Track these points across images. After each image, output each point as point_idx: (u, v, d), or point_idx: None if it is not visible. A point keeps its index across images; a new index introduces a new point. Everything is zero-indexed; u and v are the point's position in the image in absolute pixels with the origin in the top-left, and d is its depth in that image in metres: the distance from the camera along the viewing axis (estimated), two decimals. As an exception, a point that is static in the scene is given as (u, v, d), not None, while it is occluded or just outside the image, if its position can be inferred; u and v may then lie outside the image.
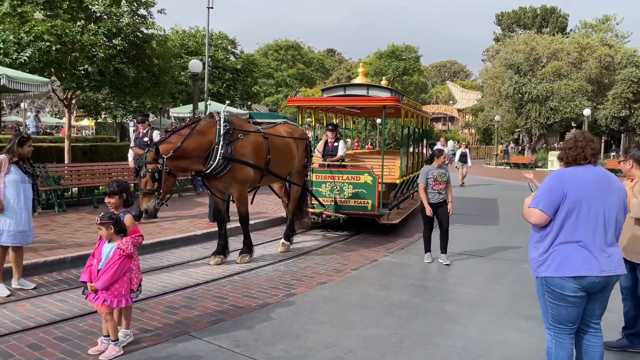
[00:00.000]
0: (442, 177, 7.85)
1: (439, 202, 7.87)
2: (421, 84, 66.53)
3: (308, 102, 11.25)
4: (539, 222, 3.41)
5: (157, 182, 6.45)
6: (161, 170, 6.46)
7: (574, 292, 3.35)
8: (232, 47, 24.00)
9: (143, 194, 6.44)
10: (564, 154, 3.54)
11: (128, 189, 4.73)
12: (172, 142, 6.68)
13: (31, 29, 11.18)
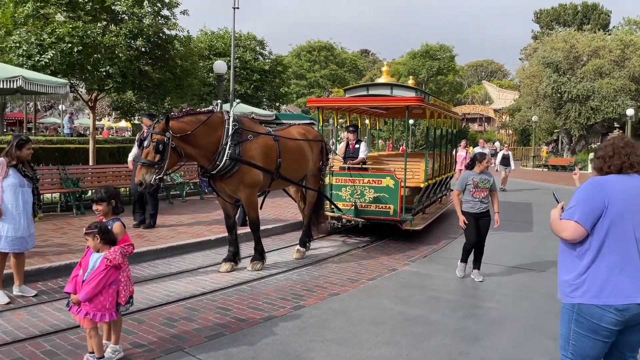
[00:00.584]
0: (484, 183, 7.04)
1: (481, 211, 7.04)
2: (456, 83, 65.17)
3: (328, 103, 10.87)
4: (573, 237, 2.89)
5: (160, 154, 6.14)
6: (167, 143, 6.16)
7: (611, 324, 2.81)
8: (260, 47, 23.82)
9: (142, 164, 6.14)
10: (602, 162, 3.00)
11: (117, 195, 4.44)
12: (186, 124, 6.41)
13: (53, 31, 11.18)
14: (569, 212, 2.92)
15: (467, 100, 69.86)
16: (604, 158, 3.00)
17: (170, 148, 6.24)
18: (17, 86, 8.88)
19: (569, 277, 2.95)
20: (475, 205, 7.03)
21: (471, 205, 7.05)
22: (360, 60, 66.72)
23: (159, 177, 6.29)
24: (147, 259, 7.64)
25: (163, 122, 6.22)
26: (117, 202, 4.40)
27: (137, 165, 7.19)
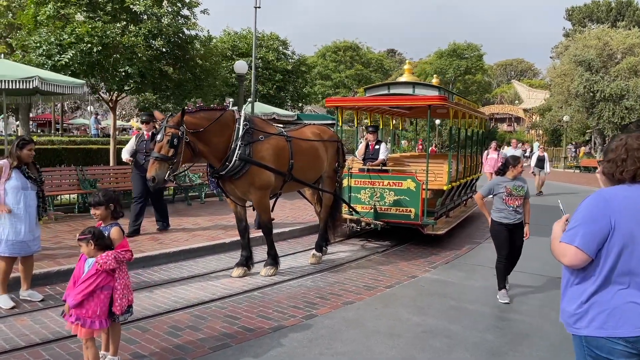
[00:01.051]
0: (519, 191, 6.24)
1: (515, 223, 6.23)
2: (485, 83, 64.01)
3: (348, 102, 10.55)
4: (574, 264, 2.47)
5: (175, 149, 5.92)
6: (181, 137, 5.96)
7: (625, 356, 2.41)
8: (283, 47, 23.63)
9: (155, 158, 5.90)
10: (613, 167, 2.53)
11: (116, 199, 4.22)
12: (200, 119, 6.21)
13: (73, 31, 11.16)
14: (569, 234, 2.48)
15: (495, 100, 68.59)
16: (615, 162, 2.52)
17: (185, 143, 6.03)
18: (33, 86, 8.85)
19: (572, 307, 2.54)
20: (509, 215, 6.22)
21: (504, 215, 6.24)
22: (387, 60, 66.14)
23: (173, 174, 6.10)
24: (160, 262, 7.47)
25: (178, 115, 6.03)
26: (116, 206, 4.18)
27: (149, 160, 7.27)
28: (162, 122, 6.16)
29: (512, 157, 6.44)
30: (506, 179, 6.33)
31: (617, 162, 2.51)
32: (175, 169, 6.10)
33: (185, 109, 6.19)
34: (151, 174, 5.93)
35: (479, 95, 59.87)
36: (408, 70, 10.61)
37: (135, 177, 8.91)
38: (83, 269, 3.91)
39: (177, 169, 6.17)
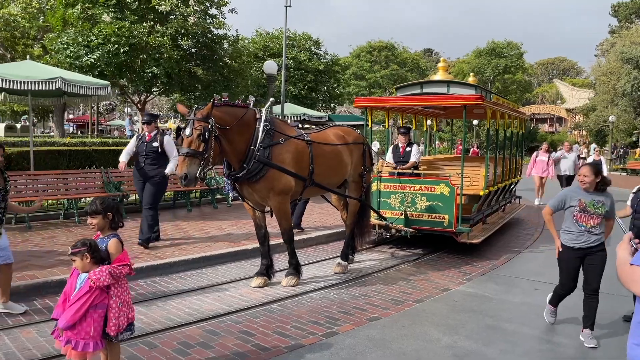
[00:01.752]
0: (597, 207, 4.95)
1: (588, 246, 5.00)
2: (525, 82, 62.20)
3: (377, 102, 10.04)
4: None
5: (205, 143, 5.55)
6: (211, 130, 5.60)
7: None
8: (315, 47, 23.25)
9: (185, 154, 5.52)
10: None
11: (115, 207, 3.88)
12: (226, 115, 5.86)
13: (100, 32, 11.05)
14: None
15: (536, 100, 66.66)
16: None
17: (214, 137, 5.69)
18: (56, 87, 8.72)
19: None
20: (579, 237, 5.00)
21: (574, 237, 5.04)
22: (423, 60, 65.08)
23: (205, 171, 5.75)
24: (179, 270, 7.17)
25: (207, 107, 5.68)
26: (115, 215, 3.84)
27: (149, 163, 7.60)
28: (189, 115, 5.82)
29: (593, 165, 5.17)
30: (579, 190, 5.08)
31: None
32: (206, 165, 5.75)
33: (214, 102, 5.82)
34: (182, 171, 5.57)
35: (519, 94, 58.20)
36: (442, 68, 10.03)
37: (137, 184, 8.24)
38: (75, 285, 3.59)
39: (208, 165, 5.81)
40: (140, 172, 8.03)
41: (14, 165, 12.42)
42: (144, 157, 7.96)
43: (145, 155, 7.94)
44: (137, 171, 8.10)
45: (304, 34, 23.33)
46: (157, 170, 7.91)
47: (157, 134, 8.06)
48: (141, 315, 5.41)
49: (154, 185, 7.95)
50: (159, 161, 7.94)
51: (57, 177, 9.67)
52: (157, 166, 7.93)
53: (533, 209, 13.96)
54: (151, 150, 7.92)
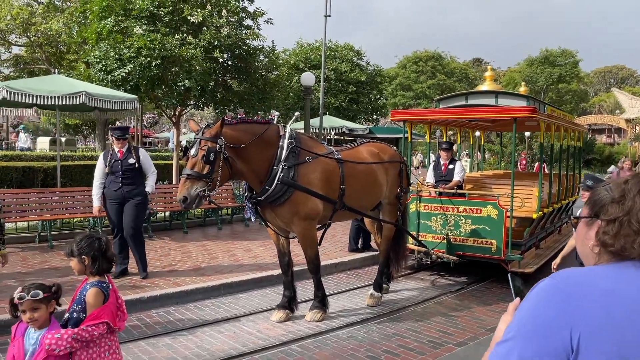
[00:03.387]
0: None
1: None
2: (580, 92, 59.52)
3: (417, 115, 9.25)
4: None
5: (211, 165, 5.04)
6: (219, 152, 5.07)
7: None
8: (357, 58, 22.62)
9: (187, 176, 5.04)
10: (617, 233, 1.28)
11: (96, 249, 3.21)
12: (241, 133, 5.30)
13: (132, 44, 10.82)
14: (500, 350, 1.26)
15: (593, 110, 63.70)
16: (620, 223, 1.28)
17: (223, 159, 5.14)
18: (80, 102, 8.44)
19: None
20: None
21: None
22: (471, 70, 63.43)
23: (209, 194, 5.22)
24: (197, 298, 6.61)
25: (216, 126, 5.15)
26: (95, 259, 3.17)
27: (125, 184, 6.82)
28: (197, 134, 5.30)
29: None
30: None
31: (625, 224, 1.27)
32: (212, 189, 5.21)
33: (225, 120, 5.29)
34: (182, 194, 5.06)
35: (574, 104, 55.70)
36: (489, 78, 9.18)
37: (108, 207, 7.12)
38: (23, 348, 2.94)
39: (215, 189, 5.26)
40: (116, 193, 7.00)
41: (50, 180, 12.37)
42: (121, 177, 6.99)
43: (122, 175, 6.99)
44: (113, 193, 7.01)
45: (345, 45, 22.74)
46: (137, 189, 7.06)
47: (131, 150, 7.17)
48: (144, 355, 4.87)
49: (136, 206, 7.02)
50: (137, 179, 7.11)
51: (82, 194, 9.35)
52: (136, 185, 7.07)
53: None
54: (128, 168, 7.01)
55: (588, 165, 41.37)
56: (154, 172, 7.24)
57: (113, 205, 7.06)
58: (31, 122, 49.22)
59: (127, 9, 11.38)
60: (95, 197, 7.18)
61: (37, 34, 19.28)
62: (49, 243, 8.65)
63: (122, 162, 7.01)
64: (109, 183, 7.06)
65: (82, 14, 13.13)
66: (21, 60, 22.31)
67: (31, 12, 18.66)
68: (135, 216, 7.04)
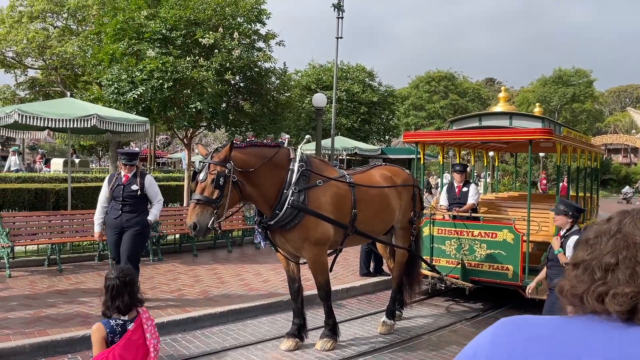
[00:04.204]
0: None
1: None
2: (595, 111, 59.00)
3: (429, 137, 9.11)
4: None
5: (220, 190, 4.94)
6: (228, 176, 4.98)
7: None
8: (369, 79, 22.62)
9: (197, 201, 4.94)
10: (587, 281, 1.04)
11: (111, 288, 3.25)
12: (250, 156, 5.23)
13: (144, 67, 10.86)
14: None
15: (608, 130, 63.09)
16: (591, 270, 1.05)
17: (232, 183, 5.05)
18: (91, 125, 8.45)
19: None
20: None
21: None
22: (484, 89, 63.29)
23: (220, 222, 5.15)
24: (204, 325, 6.46)
25: (225, 150, 5.07)
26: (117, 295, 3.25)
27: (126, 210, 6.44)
28: (205, 158, 5.22)
29: None
30: None
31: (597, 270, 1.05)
32: (220, 214, 5.11)
33: (234, 143, 5.21)
34: (192, 220, 4.97)
35: (589, 124, 55.14)
36: (503, 99, 9.04)
37: (108, 236, 6.67)
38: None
39: (223, 214, 5.16)
40: (115, 222, 6.50)
41: (62, 202, 12.35)
42: (121, 203, 6.50)
43: (123, 201, 6.50)
44: (112, 220, 6.52)
45: (357, 66, 22.79)
46: (138, 218, 6.52)
47: (137, 175, 6.65)
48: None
49: (135, 236, 6.47)
50: (139, 207, 6.59)
51: (92, 216, 9.27)
52: (137, 213, 6.53)
53: None
54: (129, 195, 6.51)
55: (605, 186, 40.79)
56: (160, 201, 6.81)
57: (112, 234, 6.57)
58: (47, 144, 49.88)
59: (140, 32, 11.46)
60: (96, 222, 6.75)
61: (53, 57, 19.58)
62: (58, 267, 8.56)
63: (125, 187, 6.54)
64: (110, 210, 6.61)
65: (96, 36, 13.25)
66: (37, 83, 22.68)
67: (47, 35, 18.98)
68: (132, 247, 6.48)
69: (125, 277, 3.32)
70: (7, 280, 7.80)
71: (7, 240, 8.11)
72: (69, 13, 19.06)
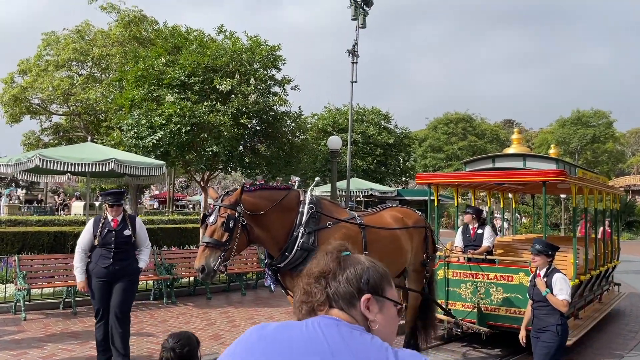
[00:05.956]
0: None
1: None
2: (617, 152, 58.38)
3: (442, 179, 9.09)
4: None
5: (230, 233, 4.93)
6: (238, 219, 4.98)
7: None
8: (385, 121, 22.86)
9: (206, 244, 4.91)
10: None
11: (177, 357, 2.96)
12: (260, 199, 5.25)
13: (162, 112, 11.18)
14: None
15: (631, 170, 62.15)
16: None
17: (241, 226, 5.08)
18: (109, 169, 8.65)
19: None
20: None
21: None
22: (502, 131, 63.26)
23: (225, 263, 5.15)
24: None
25: (235, 193, 5.12)
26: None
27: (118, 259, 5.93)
28: (215, 202, 5.28)
29: None
30: None
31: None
32: (227, 257, 5.12)
33: (245, 187, 5.28)
34: (200, 263, 4.96)
35: (611, 165, 54.47)
36: (517, 140, 9.03)
37: (94, 286, 5.92)
38: None
39: (230, 257, 5.17)
40: (105, 271, 5.85)
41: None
42: (112, 251, 5.90)
43: (115, 248, 5.92)
44: (102, 270, 5.85)
45: (373, 109, 23.10)
46: (131, 266, 6.04)
47: (126, 219, 6.12)
48: None
49: (128, 287, 5.99)
50: (130, 254, 6.11)
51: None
52: (129, 261, 6.04)
53: (636, 298, 12.02)
54: (122, 241, 5.97)
55: (630, 228, 39.88)
56: (149, 246, 6.36)
57: (100, 284, 5.89)
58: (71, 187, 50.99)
59: (160, 79, 11.85)
60: (79, 271, 5.95)
61: (77, 103, 20.26)
62: (73, 309, 8.60)
63: (117, 233, 5.96)
64: (96, 258, 5.90)
65: (118, 83, 13.73)
66: (60, 129, 23.41)
67: (71, 83, 19.72)
68: (127, 298, 6.00)
69: (182, 348, 2.95)
70: (22, 323, 7.86)
71: (24, 283, 8.22)
72: (93, 61, 19.87)
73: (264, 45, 12.41)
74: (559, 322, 5.12)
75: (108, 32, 20.06)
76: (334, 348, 1.33)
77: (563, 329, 5.16)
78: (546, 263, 5.36)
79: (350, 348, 1.33)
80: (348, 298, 1.46)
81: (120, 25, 19.38)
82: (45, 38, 21.04)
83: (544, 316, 5.20)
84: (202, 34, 13.38)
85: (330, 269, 1.52)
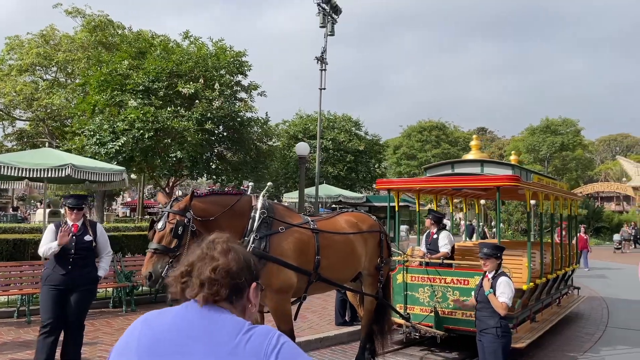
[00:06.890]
0: None
1: None
2: (585, 159, 59.77)
3: (401, 184, 9.18)
4: None
5: (178, 239, 4.85)
6: (187, 225, 4.91)
7: None
8: (356, 128, 23.01)
9: (153, 250, 4.77)
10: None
11: None
12: (210, 205, 5.20)
13: (125, 117, 11.06)
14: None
15: (599, 178, 63.65)
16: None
17: (190, 232, 5.02)
18: (65, 174, 8.50)
19: None
20: None
21: None
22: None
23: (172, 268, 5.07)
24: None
25: (185, 199, 5.07)
26: None
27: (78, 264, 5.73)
28: (164, 207, 5.21)
29: None
30: None
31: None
32: (175, 264, 5.05)
33: (195, 192, 5.23)
34: (147, 270, 4.86)
35: (580, 172, 55.70)
36: (475, 147, 9.19)
37: (47, 295, 5.61)
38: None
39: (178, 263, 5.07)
40: (62, 278, 5.59)
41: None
42: (72, 257, 5.68)
43: (75, 254, 5.69)
44: (59, 277, 5.59)
45: (344, 115, 23.26)
46: (91, 274, 5.83)
47: (86, 224, 5.93)
48: None
49: (86, 297, 5.79)
50: (90, 260, 5.88)
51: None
52: (89, 268, 5.83)
53: (596, 302, 12.28)
54: (83, 247, 5.77)
55: (597, 233, 40.78)
56: (109, 253, 6.14)
57: (54, 292, 5.57)
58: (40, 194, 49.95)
59: (123, 84, 11.73)
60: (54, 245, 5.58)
61: (40, 108, 19.90)
62: (27, 318, 8.40)
63: (77, 238, 5.75)
64: (53, 264, 5.66)
65: (81, 87, 13.55)
66: (25, 134, 22.93)
67: (35, 87, 19.37)
68: (85, 307, 5.81)
69: None
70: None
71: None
72: (57, 66, 19.56)
73: (229, 51, 12.40)
74: (499, 325, 5.20)
75: (73, 36, 19.77)
76: (195, 325, 1.63)
77: (503, 331, 5.24)
78: (496, 265, 5.46)
79: (209, 327, 1.61)
80: (215, 285, 1.68)
81: (86, 30, 19.14)
82: (8, 42, 20.63)
83: (484, 318, 5.29)
84: (167, 40, 13.33)
85: (201, 257, 1.75)
